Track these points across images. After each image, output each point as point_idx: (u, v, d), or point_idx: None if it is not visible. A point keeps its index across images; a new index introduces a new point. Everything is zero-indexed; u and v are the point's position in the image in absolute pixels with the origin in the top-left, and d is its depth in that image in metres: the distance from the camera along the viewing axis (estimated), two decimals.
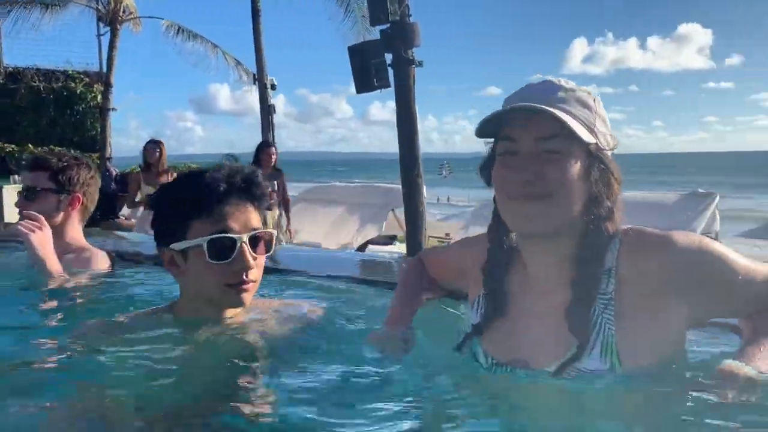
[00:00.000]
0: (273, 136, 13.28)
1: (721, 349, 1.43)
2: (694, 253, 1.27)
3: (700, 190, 8.11)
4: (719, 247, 1.30)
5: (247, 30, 13.63)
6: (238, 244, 1.54)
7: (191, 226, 1.56)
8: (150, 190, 6.87)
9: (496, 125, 1.33)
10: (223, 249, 1.54)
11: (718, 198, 7.62)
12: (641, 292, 1.28)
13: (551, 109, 1.23)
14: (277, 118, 13.95)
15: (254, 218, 1.61)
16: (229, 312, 1.65)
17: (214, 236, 1.53)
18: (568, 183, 1.26)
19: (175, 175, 7.10)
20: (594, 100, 1.33)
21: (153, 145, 7.28)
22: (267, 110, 13.70)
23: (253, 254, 1.57)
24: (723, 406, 1.12)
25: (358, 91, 7.19)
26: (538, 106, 1.24)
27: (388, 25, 6.72)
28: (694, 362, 1.36)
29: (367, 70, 6.89)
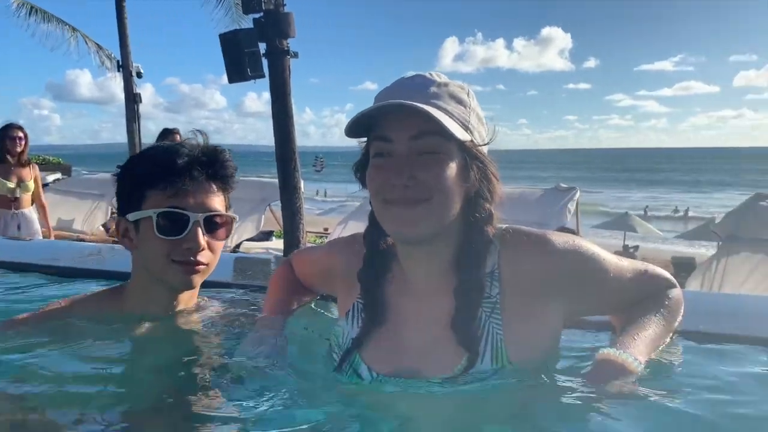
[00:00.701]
0: (138, 127, 12.48)
1: (594, 344, 1.47)
2: (570, 252, 1.28)
3: (562, 185, 8.63)
4: (592, 246, 1.32)
5: (112, 14, 12.70)
6: (191, 223, 1.45)
7: (147, 196, 1.47)
8: (8, 185, 5.77)
9: (369, 124, 1.23)
10: (174, 225, 1.45)
11: (579, 192, 8.16)
12: (523, 292, 1.26)
13: (424, 107, 1.15)
14: (146, 109, 13.21)
15: (215, 200, 1.51)
16: (180, 305, 1.57)
17: (165, 209, 1.45)
18: (447, 184, 1.19)
19: (36, 167, 6.17)
20: (468, 94, 1.27)
21: (16, 132, 5.85)
22: (132, 99, 12.85)
23: (207, 237, 1.48)
24: (603, 391, 1.15)
25: (231, 80, 6.88)
26: (409, 103, 1.15)
27: (262, 14, 6.49)
28: (571, 355, 1.38)
29: (240, 60, 6.61)
